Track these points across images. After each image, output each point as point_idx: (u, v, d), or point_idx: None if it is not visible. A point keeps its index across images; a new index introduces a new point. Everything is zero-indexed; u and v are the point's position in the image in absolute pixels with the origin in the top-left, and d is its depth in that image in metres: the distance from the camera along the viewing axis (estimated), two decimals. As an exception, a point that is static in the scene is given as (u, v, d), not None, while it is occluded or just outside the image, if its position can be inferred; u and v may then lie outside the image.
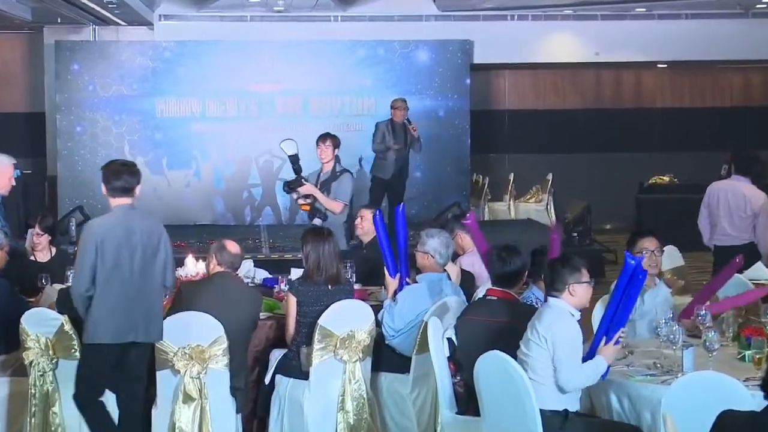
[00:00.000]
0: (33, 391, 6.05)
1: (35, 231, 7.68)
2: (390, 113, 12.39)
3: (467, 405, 5.56)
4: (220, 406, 5.92)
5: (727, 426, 3.71)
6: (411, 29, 15.31)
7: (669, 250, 8.18)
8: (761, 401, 3.73)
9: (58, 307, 6.13)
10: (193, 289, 6.19)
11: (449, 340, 5.73)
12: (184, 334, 5.83)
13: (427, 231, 6.65)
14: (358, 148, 12.97)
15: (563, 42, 15.93)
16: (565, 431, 4.96)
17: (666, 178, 16.27)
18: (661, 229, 6.94)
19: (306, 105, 14.86)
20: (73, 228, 10.27)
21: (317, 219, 8.51)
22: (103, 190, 5.90)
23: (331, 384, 6.11)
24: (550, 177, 15.59)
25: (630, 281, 4.96)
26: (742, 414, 3.78)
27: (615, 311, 5.03)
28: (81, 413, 5.90)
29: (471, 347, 5.48)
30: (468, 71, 15.19)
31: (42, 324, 6.02)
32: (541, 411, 4.82)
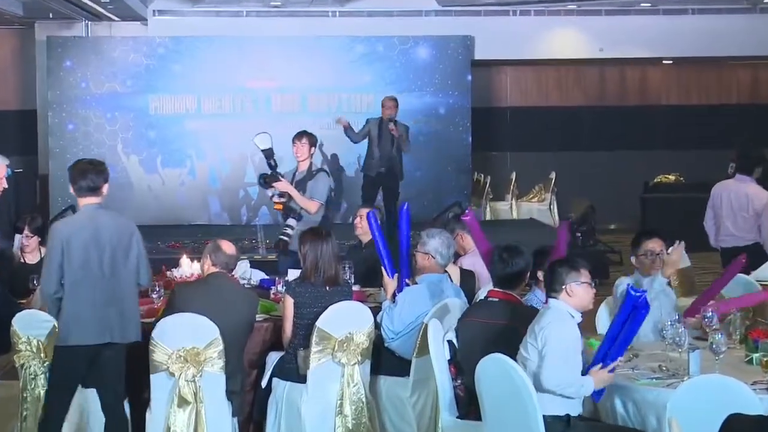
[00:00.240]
0: (24, 395, 6.05)
1: (24, 234, 7.69)
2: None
3: (468, 409, 5.56)
4: (215, 409, 5.91)
5: (735, 430, 3.70)
6: (411, 25, 15.32)
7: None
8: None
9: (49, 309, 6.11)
10: (188, 291, 6.19)
11: (450, 342, 5.73)
12: (178, 336, 5.83)
13: (428, 231, 6.64)
14: (357, 146, 12.95)
15: (566, 38, 15.93)
16: (569, 436, 4.97)
17: (671, 177, 16.27)
18: (667, 229, 6.93)
19: (303, 102, 14.86)
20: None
21: (291, 219, 8.39)
22: (71, 189, 5.88)
23: (329, 387, 6.11)
24: (553, 176, 15.59)
25: (632, 313, 4.92)
26: (750, 418, 3.77)
27: (614, 341, 4.99)
28: (47, 411, 5.84)
29: (471, 350, 5.48)
30: (469, 68, 15.19)
31: (33, 326, 6.01)
32: (543, 416, 4.82)
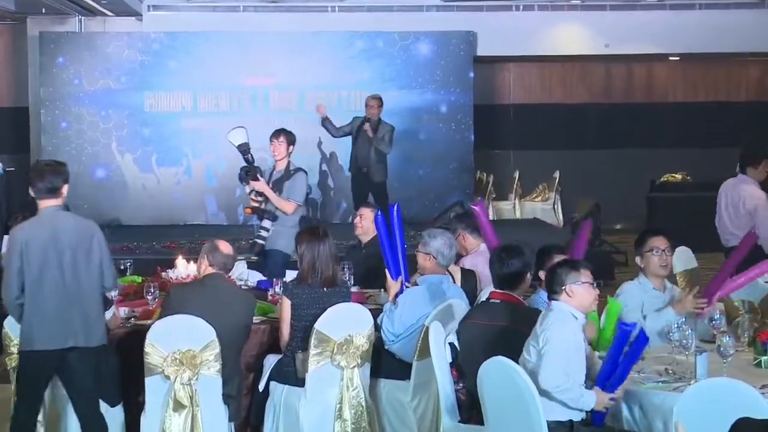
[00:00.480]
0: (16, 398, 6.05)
1: None
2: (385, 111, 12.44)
3: (470, 413, 5.56)
4: (212, 413, 5.91)
5: (744, 435, 3.71)
6: (412, 20, 15.31)
7: (681, 251, 8.20)
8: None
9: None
10: (184, 292, 6.19)
11: (451, 345, 5.73)
12: (174, 338, 5.83)
13: (430, 231, 6.65)
14: (356, 145, 12.97)
15: (571, 33, 15.92)
16: (573, 442, 4.97)
17: (678, 175, 16.28)
18: (674, 230, 6.94)
19: (302, 100, 14.85)
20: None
21: (266, 220, 8.37)
22: (31, 192, 5.85)
23: (328, 391, 6.12)
24: (557, 175, 15.60)
25: (633, 343, 4.92)
26: (759, 422, 3.78)
27: (613, 372, 4.99)
28: (14, 420, 5.83)
29: (472, 352, 5.49)
30: (471, 64, 15.18)
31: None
32: (546, 422, 4.82)
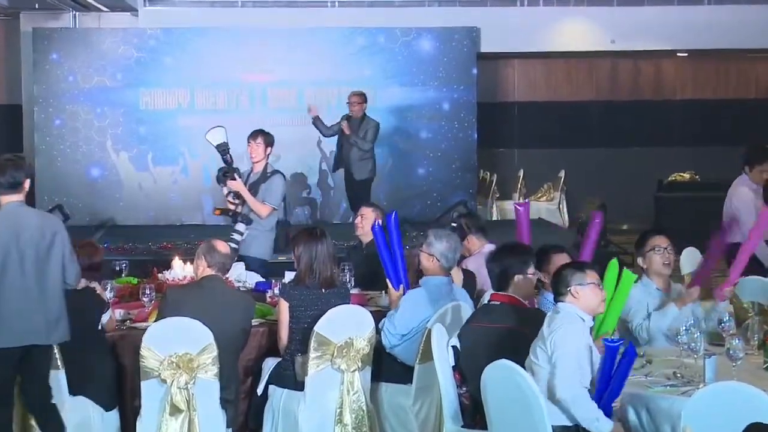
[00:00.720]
0: (10, 401, 6.06)
1: None
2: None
3: (473, 418, 5.56)
4: (209, 418, 5.92)
5: (755, 440, 3.71)
6: (413, 15, 15.31)
7: (689, 252, 8.20)
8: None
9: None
10: (181, 294, 6.20)
11: (454, 348, 5.72)
12: (171, 341, 5.83)
13: (436, 232, 6.55)
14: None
15: (577, 29, 15.91)
16: (578, 448, 4.97)
17: (686, 175, 16.28)
18: (682, 230, 6.95)
19: (301, 97, 14.84)
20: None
21: (241, 223, 8.36)
22: None
23: (328, 395, 6.12)
24: (562, 174, 15.60)
25: (621, 360, 4.88)
26: (769, 427, 3.78)
27: (605, 390, 4.96)
28: None
29: (474, 356, 5.48)
30: (475, 61, 15.18)
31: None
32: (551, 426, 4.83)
